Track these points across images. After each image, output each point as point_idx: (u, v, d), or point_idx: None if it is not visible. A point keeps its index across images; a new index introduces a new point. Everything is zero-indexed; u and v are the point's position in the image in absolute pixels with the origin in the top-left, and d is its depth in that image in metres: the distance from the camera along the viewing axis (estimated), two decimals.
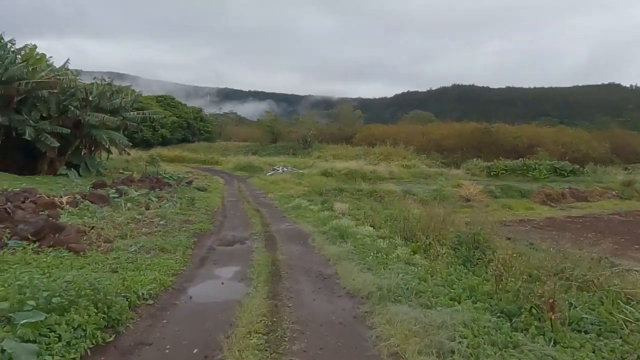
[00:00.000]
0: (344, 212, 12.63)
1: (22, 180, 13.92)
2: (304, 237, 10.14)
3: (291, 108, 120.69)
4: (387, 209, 15.17)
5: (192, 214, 12.81)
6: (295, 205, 15.84)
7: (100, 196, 11.99)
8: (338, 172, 33.77)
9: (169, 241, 8.51)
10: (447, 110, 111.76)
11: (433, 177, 38.80)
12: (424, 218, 9.51)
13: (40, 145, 15.93)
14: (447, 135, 52.56)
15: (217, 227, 11.35)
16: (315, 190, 23.21)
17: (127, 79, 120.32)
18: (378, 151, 48.59)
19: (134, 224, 10.07)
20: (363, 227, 9.89)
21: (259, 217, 13.41)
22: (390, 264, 6.95)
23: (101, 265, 6.16)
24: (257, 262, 7.44)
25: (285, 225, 11.88)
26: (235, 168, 38.86)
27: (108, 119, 18.05)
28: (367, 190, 24.18)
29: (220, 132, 70.01)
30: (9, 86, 14.49)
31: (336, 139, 57.79)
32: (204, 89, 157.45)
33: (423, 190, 25.91)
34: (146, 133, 56.15)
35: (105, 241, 7.56)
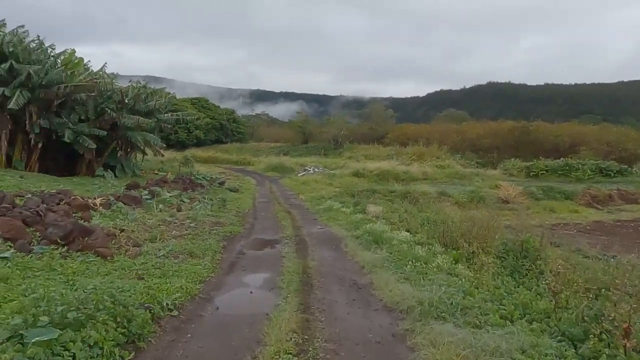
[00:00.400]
0: (378, 215, 12.09)
1: (60, 181, 14.18)
2: (336, 241, 9.70)
3: (322, 108, 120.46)
4: (422, 211, 14.52)
5: (223, 215, 12.62)
6: (327, 207, 15.42)
7: (133, 197, 11.98)
8: (370, 172, 33.13)
9: (198, 245, 8.26)
10: (482, 109, 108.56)
11: (468, 178, 37.49)
12: (465, 223, 8.86)
13: (78, 147, 16.24)
14: (482, 135, 50.75)
15: (247, 230, 11.07)
16: (347, 192, 22.71)
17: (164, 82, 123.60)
18: (410, 151, 47.50)
19: (164, 226, 9.93)
20: (399, 232, 9.33)
21: (289, 219, 13.07)
22: (431, 274, 6.40)
23: (127, 272, 5.93)
24: (288, 269, 7.05)
25: (317, 229, 11.47)
26: (266, 169, 38.89)
27: (143, 121, 18.24)
28: (400, 192, 23.46)
29: (252, 133, 70.55)
30: (48, 90, 14.82)
31: (367, 139, 56.99)
32: (236, 91, 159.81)
33: (459, 192, 24.91)
34: (181, 134, 57.30)
35: (134, 245, 7.38)
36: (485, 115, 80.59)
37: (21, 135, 15.29)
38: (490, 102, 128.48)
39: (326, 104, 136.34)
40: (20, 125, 15.13)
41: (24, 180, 12.63)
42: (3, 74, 14.05)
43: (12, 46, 14.39)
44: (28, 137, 15.11)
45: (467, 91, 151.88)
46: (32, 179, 13.43)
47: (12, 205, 7.37)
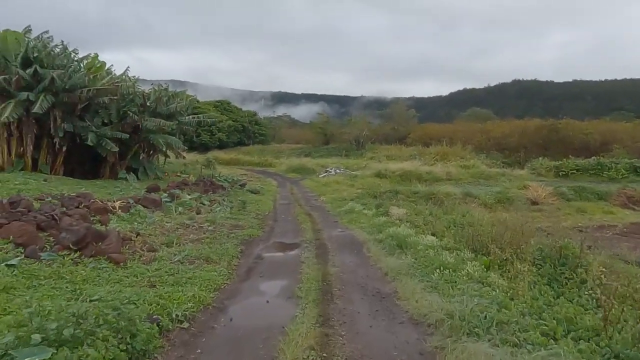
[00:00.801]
0: (401, 217, 11.59)
1: (83, 184, 14.23)
2: (358, 245, 9.26)
3: (343, 109, 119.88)
4: (447, 213, 13.93)
5: (242, 218, 12.35)
6: (348, 209, 14.98)
7: (153, 200, 11.84)
8: (392, 173, 32.48)
9: (215, 249, 7.97)
10: (507, 107, 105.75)
11: (494, 178, 36.38)
12: (496, 226, 8.29)
13: (101, 150, 16.33)
14: (508, 133, 49.32)
15: (266, 233, 10.75)
16: (369, 193, 22.18)
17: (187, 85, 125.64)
18: (434, 151, 46.55)
19: (182, 230, 9.71)
20: (424, 236, 8.82)
21: (310, 222, 12.70)
22: (460, 283, 5.89)
23: (139, 279, 5.67)
24: (307, 276, 6.67)
25: (338, 232, 11.06)
26: (288, 170, 38.70)
27: (164, 124, 18.24)
28: (423, 193, 22.78)
29: (274, 135, 70.73)
30: (72, 94, 14.92)
31: (389, 140, 56.21)
32: (258, 93, 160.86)
33: (485, 193, 24.05)
34: (204, 137, 57.84)
35: (149, 250, 7.14)
36: (510, 113, 78.46)
37: (46, 139, 15.46)
38: (516, 101, 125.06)
39: (347, 105, 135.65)
40: (45, 129, 15.30)
41: (47, 183, 12.70)
42: (28, 79, 14.21)
43: (37, 51, 14.57)
44: (53, 140, 15.27)
45: (492, 89, 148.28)
46: (55, 182, 13.51)
47: (28, 210, 7.25)
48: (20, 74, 13.89)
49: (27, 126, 14.59)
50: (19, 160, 14.92)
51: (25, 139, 14.71)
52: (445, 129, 58.13)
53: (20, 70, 13.97)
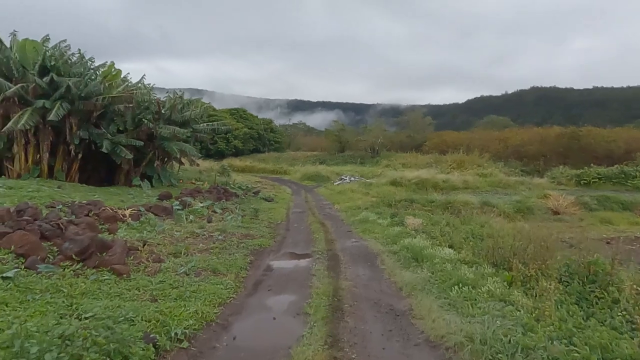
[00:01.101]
0: (417, 228, 11.16)
1: (97, 191, 14.21)
2: (372, 257, 8.89)
3: (359, 117, 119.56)
4: (465, 224, 13.42)
5: (253, 227, 12.10)
6: (362, 218, 14.60)
7: (164, 208, 11.69)
8: (408, 181, 31.98)
9: (224, 260, 7.71)
10: (526, 115, 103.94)
11: (513, 187, 35.57)
12: (518, 238, 7.82)
13: (115, 157, 16.34)
14: (527, 141, 48.28)
15: (277, 243, 10.46)
16: (384, 201, 21.72)
17: (205, 94, 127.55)
18: (450, 159, 45.90)
19: (192, 239, 9.49)
20: (441, 249, 8.39)
21: (323, 231, 12.37)
22: (481, 301, 5.48)
23: (141, 292, 5.42)
24: (317, 291, 6.33)
25: (351, 242, 10.70)
26: (302, 177, 38.51)
27: (178, 131, 18.21)
28: (440, 202, 22.20)
29: (290, 143, 70.80)
30: (87, 101, 14.99)
31: (405, 147, 55.63)
32: (274, 101, 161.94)
33: (504, 202, 23.34)
34: (220, 144, 58.22)
35: (155, 260, 6.91)
36: (529, 121, 77.06)
37: (62, 146, 15.54)
38: (534, 108, 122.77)
39: (363, 113, 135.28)
40: (61, 137, 15.39)
41: (60, 190, 12.68)
42: (45, 87, 14.33)
43: (54, 60, 14.70)
44: (68, 148, 15.34)
45: (509, 97, 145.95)
46: (69, 189, 13.50)
47: (34, 218, 7.12)
48: (37, 82, 14.00)
49: (43, 134, 14.68)
50: (35, 167, 15.01)
51: (42, 146, 14.80)
52: (462, 136, 57.32)
53: (37, 79, 14.09)
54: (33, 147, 15.03)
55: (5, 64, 14.25)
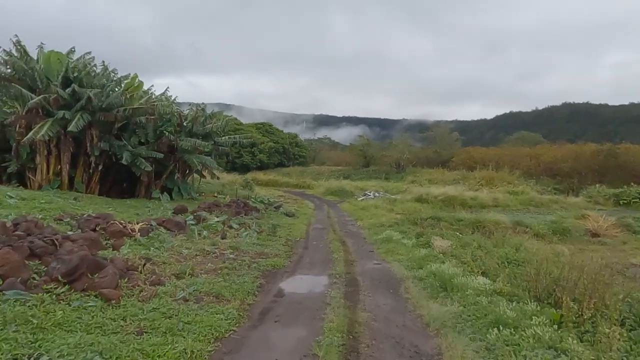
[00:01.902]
0: (445, 251, 10.14)
1: (113, 204, 13.85)
2: (395, 283, 7.95)
3: (384, 132, 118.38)
4: (498, 246, 12.29)
5: (269, 245, 11.36)
6: (386, 237, 13.65)
7: (177, 223, 11.12)
8: (434, 198, 30.76)
9: (230, 283, 6.97)
10: (557, 131, 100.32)
11: (546, 206, 33.84)
12: (565, 267, 6.75)
13: (135, 169, 16.07)
14: (560, 158, 46.17)
15: (293, 264, 9.66)
16: (409, 219, 20.62)
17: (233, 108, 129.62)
18: (478, 176, 44.36)
19: (201, 257, 8.82)
20: (473, 278, 7.37)
21: (343, 251, 11.50)
22: (526, 347, 4.50)
23: (128, 322, 4.71)
24: (330, 325, 5.47)
25: (372, 264, 9.79)
26: (326, 192, 37.75)
27: (200, 144, 17.84)
28: (469, 221, 20.88)
29: (314, 157, 70.43)
30: (108, 113, 14.81)
31: (431, 163, 54.25)
32: (300, 116, 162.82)
33: (538, 222, 21.79)
34: (246, 158, 58.40)
35: (153, 283, 6.23)
36: (561, 137, 74.11)
37: (83, 158, 15.38)
38: (566, 124, 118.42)
39: (389, 128, 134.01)
40: (82, 148, 15.24)
41: (75, 202, 12.35)
42: (67, 98, 14.22)
43: (77, 71, 14.64)
44: (89, 159, 15.16)
45: (540, 112, 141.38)
46: (85, 201, 13.18)
47: (28, 233, 6.60)
48: (59, 93, 13.89)
49: (64, 145, 14.54)
50: (56, 178, 14.85)
51: (62, 157, 14.64)
52: (491, 152, 55.54)
53: (59, 90, 14.00)
54: (54, 158, 14.90)
55: (30, 75, 14.26)
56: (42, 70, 14.43)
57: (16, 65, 14.02)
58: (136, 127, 16.72)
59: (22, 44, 14.34)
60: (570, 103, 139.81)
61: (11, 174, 15.09)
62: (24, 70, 14.12)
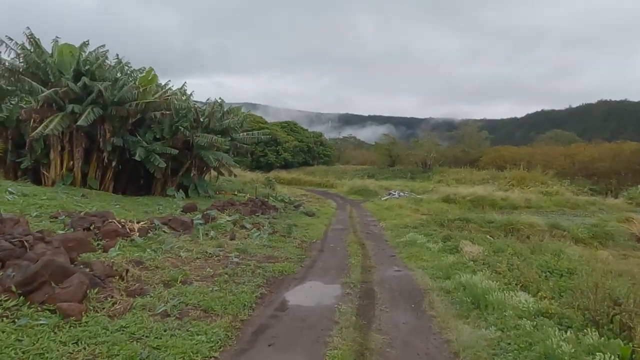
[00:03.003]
0: (476, 258, 8.85)
1: (124, 201, 13.22)
2: (417, 296, 6.79)
3: (410, 131, 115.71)
4: (535, 252, 10.88)
5: (281, 247, 10.37)
6: (409, 240, 12.41)
7: (183, 222, 10.29)
8: (462, 198, 29.15)
9: (227, 293, 5.99)
10: (592, 130, 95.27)
11: (583, 207, 31.61)
12: (615, 276, 5.43)
13: (149, 165, 15.44)
14: (597, 158, 43.38)
15: (304, 269, 8.62)
16: (435, 220, 19.23)
17: (259, 108, 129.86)
18: (509, 175, 42.22)
19: (201, 261, 7.90)
20: (512, 294, 6.11)
21: (361, 255, 10.38)
22: None
23: (80, 347, 3.78)
24: (335, 353, 4.40)
25: (393, 272, 8.63)
26: (349, 191, 36.60)
27: (216, 140, 17.07)
28: (500, 223, 19.29)
29: (339, 156, 69.26)
30: (121, 107, 14.20)
31: (459, 162, 52.11)
32: (326, 115, 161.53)
33: (576, 225, 19.96)
34: (270, 157, 57.84)
35: (132, 293, 5.33)
36: (596, 136, 70.09)
37: (96, 154, 14.86)
38: (602, 123, 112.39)
39: (414, 127, 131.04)
40: (95, 144, 14.72)
41: (81, 199, 11.74)
42: (77, 91, 13.68)
43: (89, 64, 14.10)
44: (102, 155, 14.62)
45: (574, 111, 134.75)
46: (94, 197, 12.58)
47: None
48: (70, 86, 13.36)
49: (76, 139, 14.02)
50: (68, 174, 14.37)
51: (74, 153, 14.14)
52: (522, 151, 52.98)
53: (70, 83, 13.47)
54: (67, 154, 14.42)
55: (42, 68, 13.81)
56: (54, 63, 13.98)
57: (29, 58, 13.63)
58: (151, 122, 16.10)
59: (35, 38, 13.94)
60: (607, 101, 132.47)
61: (26, 169, 14.74)
62: (37, 64, 13.70)
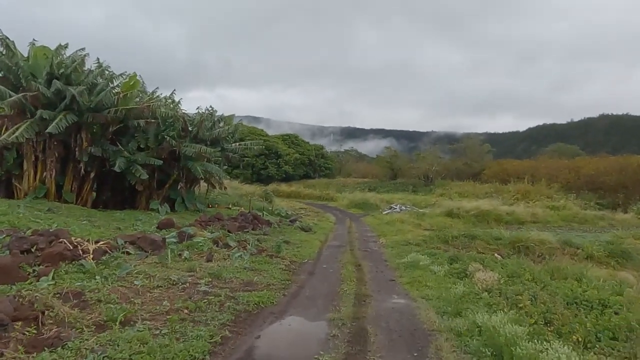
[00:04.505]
0: (490, 287, 7.35)
1: (97, 216, 11.84)
2: (421, 340, 5.32)
3: (412, 144, 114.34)
4: (554, 275, 9.42)
5: (265, 270, 8.93)
6: (411, 261, 10.93)
7: (152, 241, 8.88)
8: (466, 212, 27.71)
9: (172, 340, 4.56)
10: (595, 144, 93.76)
11: (592, 222, 30.13)
12: None
13: (130, 177, 14.10)
14: (603, 171, 41.93)
15: (287, 298, 7.17)
16: (439, 236, 17.78)
17: (262, 121, 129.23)
18: (513, 189, 40.84)
19: (161, 291, 6.47)
20: (546, 344, 4.62)
21: (356, 279, 8.94)
22: None
23: None
24: None
25: (392, 302, 7.16)
26: (349, 205, 35.18)
27: (205, 150, 15.74)
28: (508, 240, 17.82)
29: (340, 169, 67.98)
30: (98, 114, 12.94)
31: (461, 176, 50.74)
32: (328, 129, 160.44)
33: (590, 242, 18.41)
34: (271, 169, 56.57)
35: (40, 344, 3.91)
36: (599, 150, 68.59)
37: (72, 164, 13.56)
38: (604, 137, 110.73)
39: (416, 140, 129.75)
40: (72, 153, 13.42)
41: (47, 214, 10.38)
42: (49, 96, 12.45)
43: (63, 67, 12.90)
44: (78, 165, 13.32)
45: (576, 124, 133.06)
46: (63, 212, 11.21)
47: None
48: (41, 91, 12.13)
49: (49, 148, 12.74)
50: (41, 186, 13.04)
51: (47, 163, 12.83)
52: (525, 165, 51.62)
53: (41, 87, 12.24)
54: (41, 164, 13.12)
55: (14, 72, 12.61)
56: (27, 67, 12.78)
57: (0, 62, 12.45)
58: (136, 131, 14.81)
59: (8, 40, 12.79)
60: (609, 114, 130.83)
61: None
62: (8, 67, 12.51)
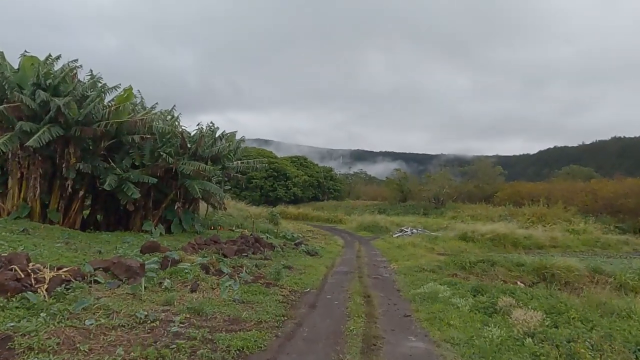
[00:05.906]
0: (533, 329, 5.80)
1: (78, 238, 10.60)
2: None
3: (422, 167, 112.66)
4: (601, 311, 7.80)
5: (257, 302, 7.51)
6: (429, 292, 9.38)
7: (128, 268, 7.55)
8: (481, 236, 25.94)
9: None
10: (608, 167, 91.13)
11: (615, 247, 28.08)
12: None
13: (121, 196, 12.92)
14: (622, 194, 39.81)
15: (278, 342, 5.71)
16: (455, 262, 16.10)
17: (271, 144, 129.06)
18: (528, 212, 38.92)
19: (121, 332, 5.09)
20: None
21: (365, 315, 7.44)
22: None
23: None
24: None
25: (409, 347, 5.67)
26: (358, 227, 33.60)
27: (204, 168, 14.55)
28: (532, 266, 16.07)
29: (349, 191, 66.51)
30: (86, 127, 11.89)
31: (473, 198, 48.89)
32: (337, 151, 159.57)
33: (621, 270, 16.53)
34: (279, 191, 55.42)
35: None
36: (611, 173, 66.23)
37: (59, 181, 12.46)
38: (617, 159, 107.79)
39: (426, 163, 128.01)
40: (60, 170, 12.34)
41: (19, 235, 9.17)
42: (34, 108, 11.47)
43: (51, 78, 11.97)
44: (65, 183, 12.20)
45: (587, 147, 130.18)
46: (39, 233, 9.99)
47: None
48: (24, 102, 11.15)
49: (32, 164, 11.65)
50: (25, 205, 11.90)
51: (30, 180, 11.72)
52: (539, 187, 49.61)
53: (25, 98, 11.27)
54: (26, 182, 12.01)
55: (0, 83, 11.69)
56: (14, 77, 11.88)
57: None
58: (130, 147, 13.73)
59: None
60: (621, 137, 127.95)
61: None
62: None
